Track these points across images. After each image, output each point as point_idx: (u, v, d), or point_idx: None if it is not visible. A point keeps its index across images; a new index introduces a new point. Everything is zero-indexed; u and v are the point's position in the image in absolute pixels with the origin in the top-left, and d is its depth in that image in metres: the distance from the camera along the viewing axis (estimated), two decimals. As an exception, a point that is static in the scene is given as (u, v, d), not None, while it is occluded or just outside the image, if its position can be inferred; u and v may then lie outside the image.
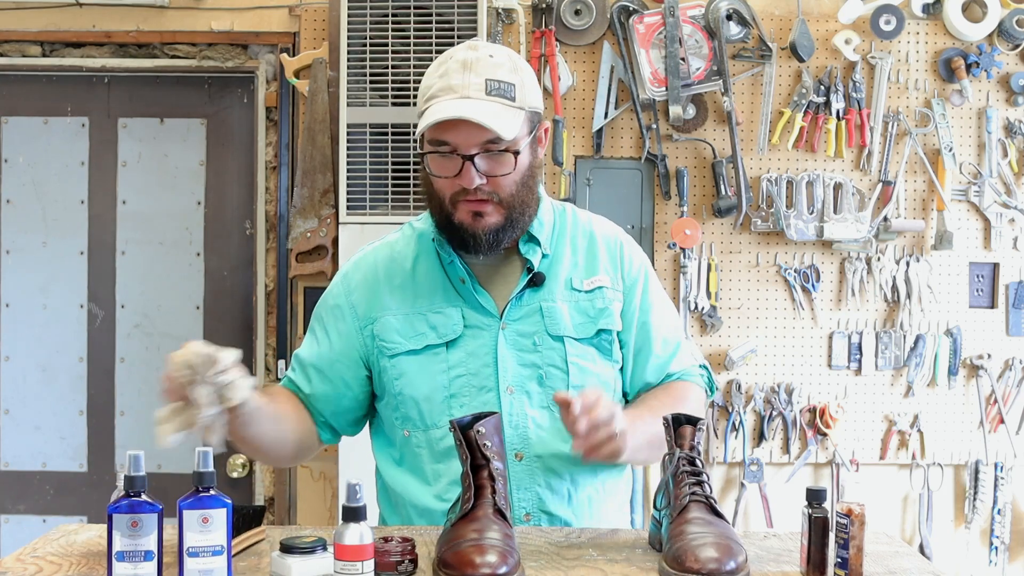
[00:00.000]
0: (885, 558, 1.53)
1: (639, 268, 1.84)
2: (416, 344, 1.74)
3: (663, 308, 1.86)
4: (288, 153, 3.15)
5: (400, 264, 1.81)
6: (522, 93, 1.69)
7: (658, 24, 3.03)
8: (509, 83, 1.67)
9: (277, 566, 1.35)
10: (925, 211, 3.12)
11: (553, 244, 1.80)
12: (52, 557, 1.49)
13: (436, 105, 1.66)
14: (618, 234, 1.87)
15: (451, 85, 1.66)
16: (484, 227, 1.69)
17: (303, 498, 3.17)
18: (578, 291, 1.78)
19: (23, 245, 3.28)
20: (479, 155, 1.65)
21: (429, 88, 1.69)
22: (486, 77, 1.66)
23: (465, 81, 1.65)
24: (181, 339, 3.17)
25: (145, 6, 3.13)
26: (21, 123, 3.28)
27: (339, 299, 1.82)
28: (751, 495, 3.12)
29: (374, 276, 1.81)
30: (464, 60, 1.67)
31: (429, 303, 1.76)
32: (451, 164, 1.67)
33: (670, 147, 3.10)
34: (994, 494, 3.12)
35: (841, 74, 3.10)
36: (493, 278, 1.77)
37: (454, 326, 1.74)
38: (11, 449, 3.28)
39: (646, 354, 1.82)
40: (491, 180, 1.67)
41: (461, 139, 1.65)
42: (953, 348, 3.12)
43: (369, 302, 1.79)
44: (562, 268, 1.79)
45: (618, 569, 1.44)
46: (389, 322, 1.76)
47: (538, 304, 1.75)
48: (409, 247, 1.83)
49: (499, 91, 1.66)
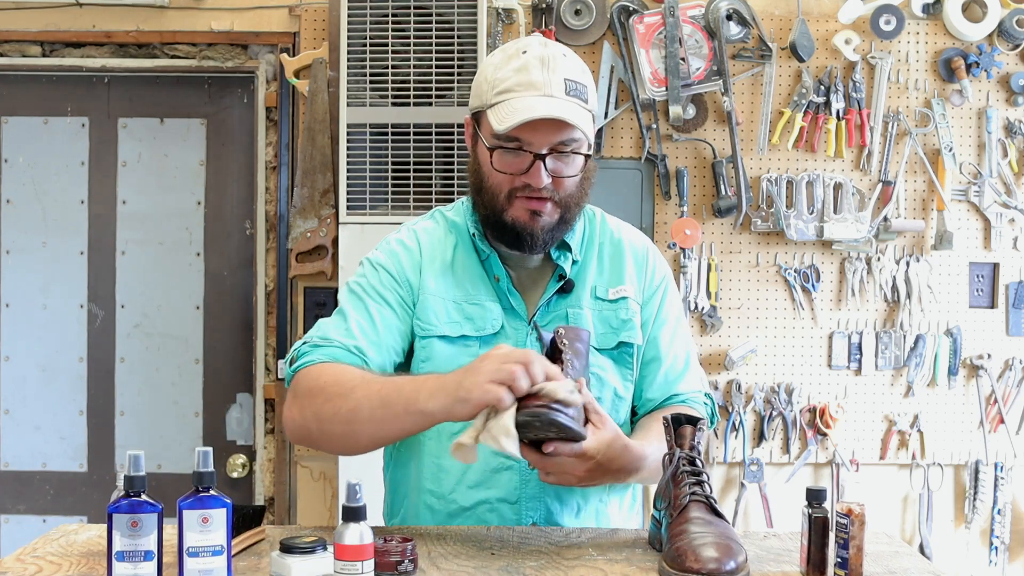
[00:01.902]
0: (885, 558, 1.53)
1: (661, 280, 1.82)
2: (452, 331, 1.71)
3: (677, 325, 1.83)
4: (288, 153, 3.15)
5: (440, 250, 1.77)
6: (591, 96, 1.68)
7: (658, 24, 3.03)
8: (584, 84, 1.66)
9: (277, 566, 1.35)
10: (925, 211, 3.12)
11: (583, 251, 1.78)
12: (52, 557, 1.49)
13: (518, 100, 1.62)
14: (647, 244, 1.85)
15: (532, 81, 1.62)
16: (541, 226, 1.67)
17: (303, 498, 3.17)
18: (603, 300, 1.76)
19: (23, 245, 3.28)
20: (551, 155, 1.64)
21: (502, 81, 1.64)
22: (564, 77, 1.63)
23: (547, 78, 1.62)
24: (181, 339, 3.24)
25: (145, 6, 3.13)
26: (21, 123, 3.28)
27: (392, 271, 1.75)
28: (751, 495, 3.12)
29: (419, 255, 1.76)
30: (542, 56, 1.64)
31: (467, 294, 1.73)
32: (519, 161, 1.65)
33: (670, 147, 3.10)
34: (994, 494, 3.12)
35: (841, 74, 3.10)
36: (524, 282, 1.76)
37: (493, 321, 1.71)
38: (11, 449, 3.28)
39: (653, 368, 1.79)
40: (555, 180, 1.65)
41: (539, 137, 1.62)
42: (953, 348, 3.12)
43: (416, 278, 1.74)
44: (589, 275, 1.77)
45: (618, 569, 1.44)
46: (429, 303, 1.72)
47: (564, 311, 1.74)
48: (447, 235, 1.79)
49: (576, 92, 1.64)
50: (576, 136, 1.64)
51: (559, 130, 1.62)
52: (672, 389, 1.79)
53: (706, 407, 1.82)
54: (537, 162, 1.63)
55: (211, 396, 3.26)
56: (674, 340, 1.81)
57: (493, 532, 1.65)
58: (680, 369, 1.80)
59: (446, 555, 1.51)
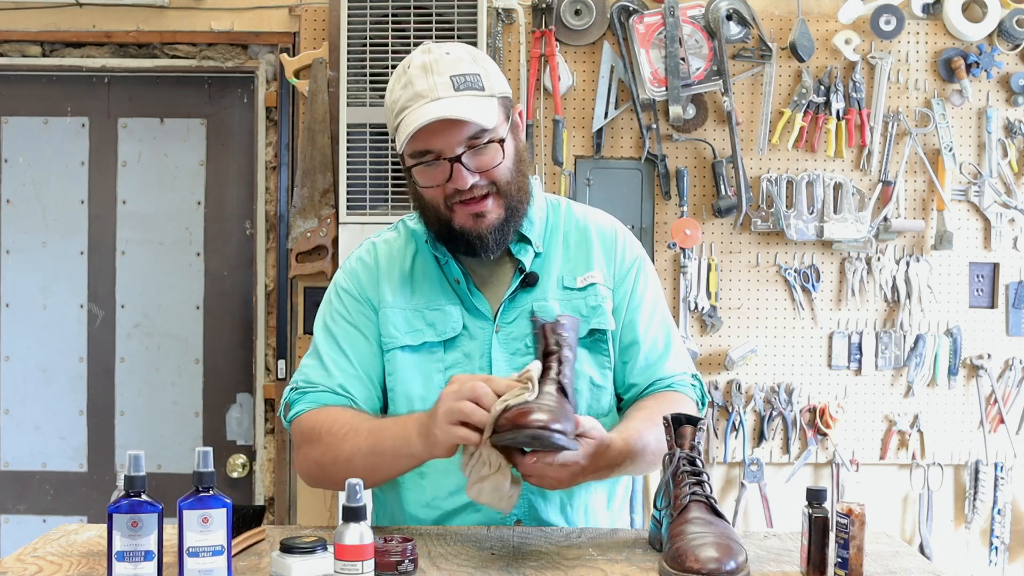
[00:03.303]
0: (885, 558, 1.53)
1: (632, 261, 1.79)
2: (414, 340, 1.71)
3: (654, 306, 1.79)
4: (288, 153, 3.15)
5: (398, 261, 1.78)
6: (489, 81, 1.66)
7: (658, 24, 3.03)
8: (474, 74, 1.64)
9: (277, 566, 1.35)
10: (925, 211, 3.12)
11: (546, 241, 1.76)
12: (52, 557, 1.49)
13: (409, 115, 1.62)
14: (615, 225, 1.83)
15: (418, 92, 1.62)
16: (488, 226, 1.66)
17: (303, 498, 3.17)
18: (570, 289, 1.74)
19: (23, 245, 3.28)
20: (465, 153, 1.63)
21: (396, 102, 1.65)
22: (450, 74, 1.63)
23: (431, 83, 1.62)
24: (181, 339, 3.24)
25: (145, 6, 3.13)
26: (21, 123, 3.28)
27: (353, 293, 1.76)
28: (751, 495, 3.12)
29: (376, 269, 1.78)
30: (423, 64, 1.64)
31: (427, 300, 1.73)
32: (439, 171, 1.64)
33: (670, 147, 3.10)
34: (994, 494, 3.12)
35: (841, 74, 3.10)
36: (486, 280, 1.75)
37: (453, 324, 1.71)
38: (11, 449, 3.28)
39: (633, 353, 1.76)
40: (484, 175, 1.64)
41: (443, 142, 1.62)
42: (953, 348, 3.12)
43: (375, 294, 1.75)
44: (554, 265, 1.75)
45: (618, 569, 1.44)
46: (387, 315, 1.73)
47: (530, 304, 1.72)
48: (407, 245, 1.80)
49: (467, 84, 1.63)
50: (485, 125, 1.62)
51: (460, 128, 1.61)
52: (656, 373, 1.76)
53: (694, 388, 1.79)
54: (455, 165, 1.62)
55: (211, 396, 3.26)
56: (651, 322, 1.78)
57: (493, 532, 1.65)
58: (661, 351, 1.77)
59: (446, 555, 1.51)
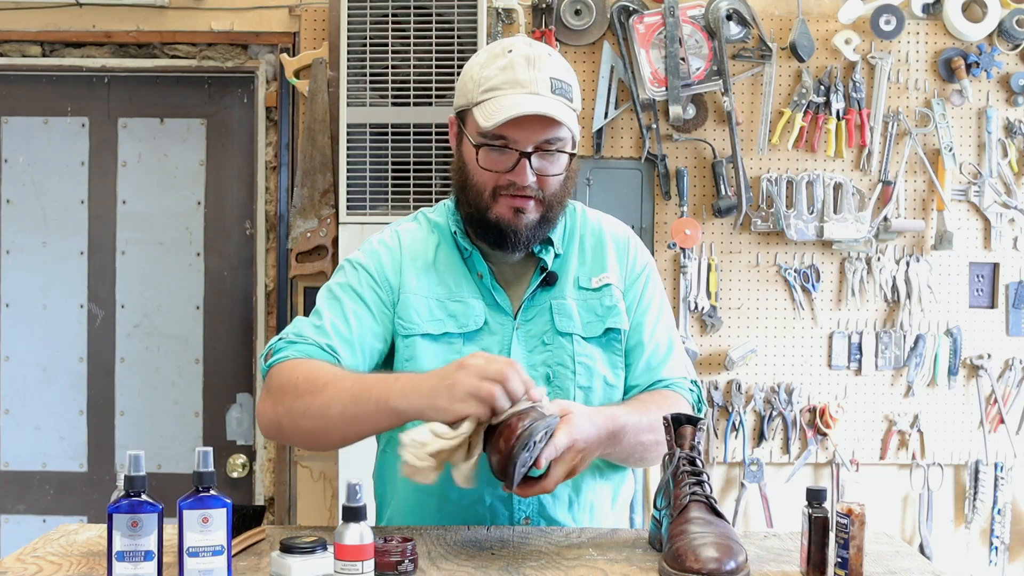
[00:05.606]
0: (885, 558, 1.53)
1: (642, 267, 1.83)
2: (435, 329, 1.71)
3: (660, 311, 1.83)
4: (288, 153, 3.15)
5: (422, 249, 1.78)
6: (575, 95, 1.69)
7: (658, 24, 3.03)
8: (569, 84, 1.67)
9: (277, 566, 1.35)
10: (925, 211, 3.12)
11: (564, 244, 1.79)
12: (52, 557, 1.49)
13: (505, 98, 1.62)
14: (627, 232, 1.87)
15: (518, 79, 1.63)
16: (525, 223, 1.68)
17: (303, 498, 3.17)
18: (586, 289, 1.77)
19: (23, 245, 3.28)
20: (536, 153, 1.64)
21: (488, 79, 1.65)
22: (550, 75, 1.64)
23: (533, 76, 1.63)
24: (181, 339, 3.24)
25: (145, 6, 3.13)
26: (21, 123, 3.28)
27: (371, 270, 1.75)
28: (751, 495, 3.12)
29: (400, 254, 1.77)
30: (528, 56, 1.65)
31: (450, 292, 1.74)
32: (505, 159, 1.65)
33: (670, 147, 3.10)
34: (994, 494, 3.12)
35: (841, 74, 3.10)
36: (507, 277, 1.76)
37: (475, 317, 1.72)
38: (11, 449, 3.28)
39: (637, 354, 1.79)
40: (541, 179, 1.66)
41: (523, 135, 1.63)
42: (953, 348, 3.12)
43: (397, 278, 1.75)
44: (572, 267, 1.78)
45: (618, 569, 1.44)
46: (410, 301, 1.72)
47: (548, 303, 1.74)
48: (429, 235, 1.80)
49: (561, 91, 1.65)
50: (561, 135, 1.65)
51: (545, 128, 1.63)
52: (656, 375, 1.79)
53: (692, 393, 1.81)
54: (523, 160, 1.64)
55: (211, 396, 3.26)
56: (657, 326, 1.81)
57: (493, 532, 1.65)
58: (663, 355, 1.80)
59: (446, 555, 1.51)
